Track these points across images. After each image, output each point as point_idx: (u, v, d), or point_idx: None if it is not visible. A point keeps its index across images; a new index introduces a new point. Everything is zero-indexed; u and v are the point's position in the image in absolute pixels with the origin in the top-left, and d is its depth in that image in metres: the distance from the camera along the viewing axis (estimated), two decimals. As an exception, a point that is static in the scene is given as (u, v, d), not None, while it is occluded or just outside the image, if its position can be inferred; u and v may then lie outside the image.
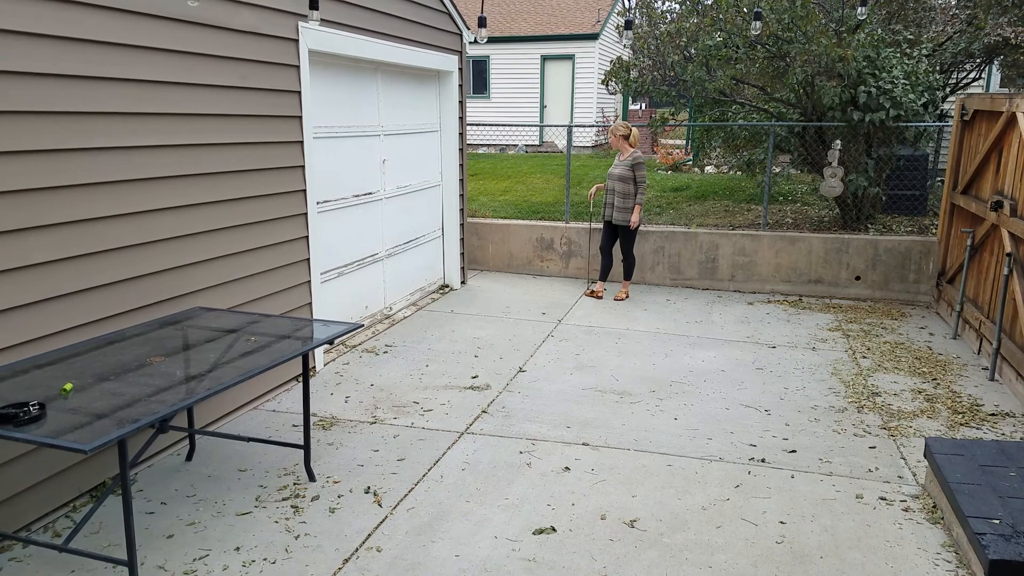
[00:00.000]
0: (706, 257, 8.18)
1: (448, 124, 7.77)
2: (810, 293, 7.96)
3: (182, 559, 3.25)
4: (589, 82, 19.92)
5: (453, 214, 8.02)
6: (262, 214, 4.81)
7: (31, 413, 2.68)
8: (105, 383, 3.03)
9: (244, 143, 4.59)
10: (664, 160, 14.99)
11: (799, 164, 9.15)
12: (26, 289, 3.34)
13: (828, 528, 3.55)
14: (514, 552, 3.33)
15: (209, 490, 3.82)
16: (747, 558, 3.31)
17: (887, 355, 6.03)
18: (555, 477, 4.00)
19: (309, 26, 5.06)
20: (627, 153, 7.42)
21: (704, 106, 9.90)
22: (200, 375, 3.18)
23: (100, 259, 3.69)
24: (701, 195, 10.73)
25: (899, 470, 4.13)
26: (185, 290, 4.24)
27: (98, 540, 3.37)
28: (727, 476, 4.04)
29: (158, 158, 3.98)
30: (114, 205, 3.73)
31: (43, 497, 3.49)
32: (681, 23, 8.91)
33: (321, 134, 5.65)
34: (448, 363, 5.75)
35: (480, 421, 4.70)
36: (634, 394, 5.17)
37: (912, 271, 7.66)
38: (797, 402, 5.06)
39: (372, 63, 6.30)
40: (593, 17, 20.34)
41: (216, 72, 4.31)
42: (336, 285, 6.08)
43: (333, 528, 3.50)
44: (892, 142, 8.02)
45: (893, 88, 7.46)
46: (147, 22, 3.83)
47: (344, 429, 4.57)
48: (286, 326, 3.99)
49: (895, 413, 4.89)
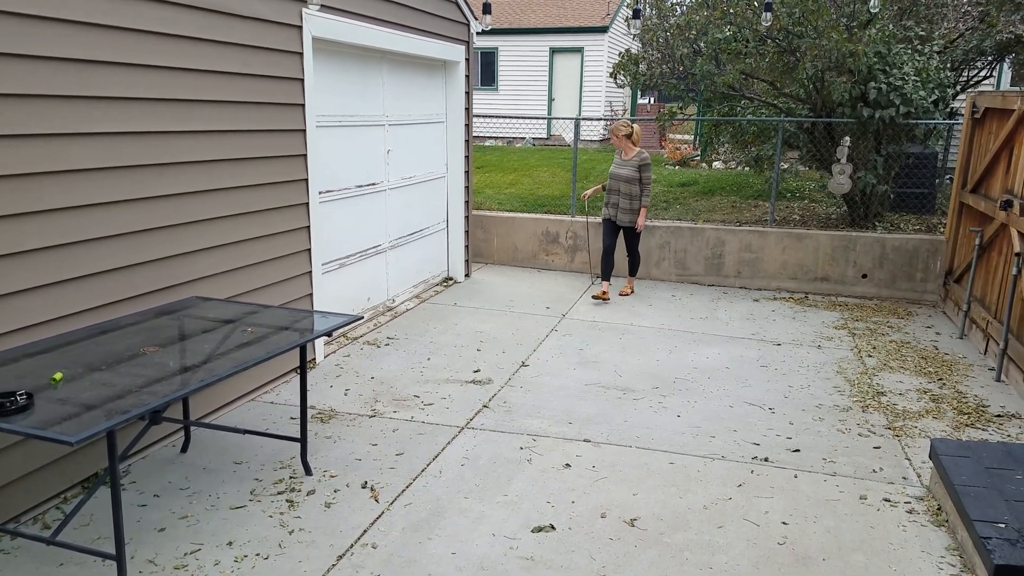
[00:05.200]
0: (712, 253, 8.11)
1: (454, 115, 7.70)
2: (816, 291, 7.89)
3: (173, 553, 3.21)
4: (598, 75, 19.80)
5: (458, 206, 7.96)
6: (263, 203, 4.76)
7: (18, 403, 2.62)
8: (96, 373, 2.98)
9: (245, 130, 4.54)
10: (672, 155, 14.90)
11: (807, 160, 9.05)
12: (19, 275, 3.29)
13: (831, 529, 3.49)
14: (512, 550, 3.28)
15: (203, 483, 3.78)
16: (748, 559, 3.25)
17: (893, 354, 5.95)
18: (555, 474, 3.95)
19: (312, 12, 5.00)
20: (631, 152, 7.22)
21: (713, 100, 9.80)
22: (194, 366, 3.13)
23: (96, 246, 3.64)
24: (708, 191, 10.64)
25: (904, 471, 4.07)
26: (183, 279, 4.20)
27: (88, 532, 3.33)
28: (729, 475, 3.98)
29: (156, 144, 3.92)
30: (111, 191, 3.68)
31: (33, 488, 3.44)
32: (691, 16, 8.81)
33: (324, 123, 5.59)
34: (450, 357, 5.70)
35: (481, 416, 4.65)
36: (637, 390, 5.11)
37: (919, 270, 7.58)
38: (801, 401, 4.99)
39: (378, 52, 6.23)
40: (603, 10, 20.21)
41: (217, 58, 4.25)
42: (338, 276, 6.03)
43: (328, 523, 3.46)
44: (902, 139, 7.92)
45: (904, 85, 7.35)
46: (145, 5, 3.77)
47: (343, 422, 4.52)
48: (285, 317, 3.94)
49: (900, 413, 4.82)
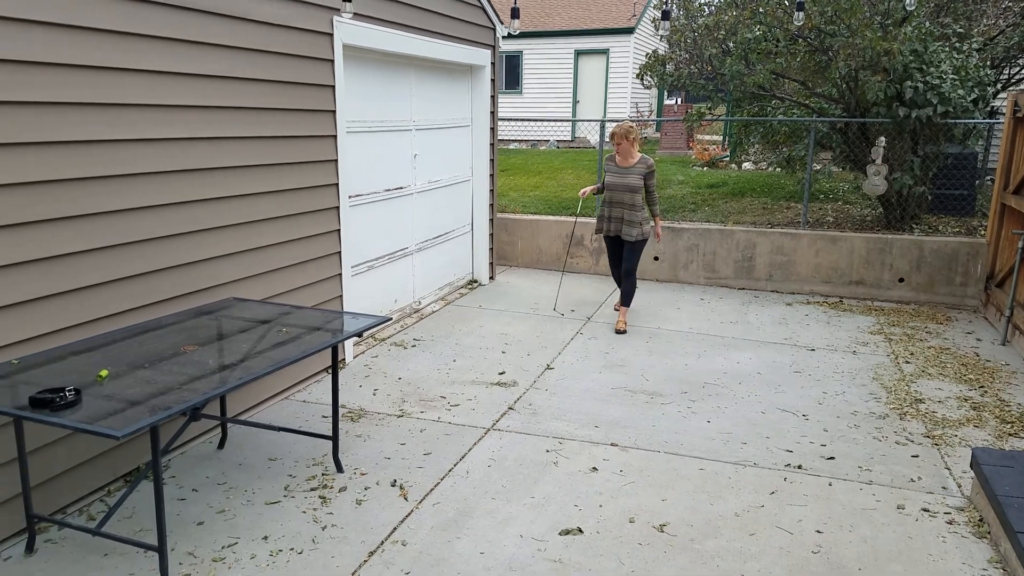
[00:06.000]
0: (742, 256, 8.02)
1: (480, 119, 7.72)
2: (851, 295, 7.76)
3: (211, 546, 3.26)
4: (624, 77, 19.72)
5: (483, 209, 7.98)
6: (296, 207, 4.82)
7: (67, 398, 2.71)
8: (140, 371, 3.06)
9: (279, 136, 4.60)
10: (700, 156, 14.78)
11: (841, 161, 8.92)
12: (64, 277, 3.38)
13: (867, 539, 3.43)
14: (540, 552, 3.27)
15: (239, 478, 3.84)
16: (782, 567, 3.21)
17: (931, 360, 5.83)
18: (582, 477, 3.94)
19: (343, 20, 5.04)
20: (633, 159, 6.33)
21: (742, 101, 9.71)
22: (232, 364, 3.19)
23: (137, 248, 3.72)
24: (738, 192, 10.53)
25: (943, 480, 3.98)
26: (220, 280, 4.27)
27: (131, 525, 3.41)
28: (762, 482, 3.93)
29: (192, 150, 3.99)
30: (152, 196, 3.76)
31: (78, 481, 3.55)
32: (720, 16, 8.74)
33: (354, 128, 5.64)
34: (475, 358, 5.71)
35: (507, 418, 4.66)
36: (665, 395, 5.08)
37: (959, 273, 7.42)
38: (836, 407, 4.91)
39: (405, 57, 6.27)
40: (629, 11, 20.13)
41: (252, 66, 4.31)
42: (366, 279, 6.08)
43: (359, 520, 3.49)
44: (939, 139, 7.76)
45: (941, 83, 7.21)
46: (178, 14, 3.83)
47: (372, 421, 4.56)
48: (317, 318, 3.98)
49: (939, 421, 4.72)
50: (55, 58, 3.23)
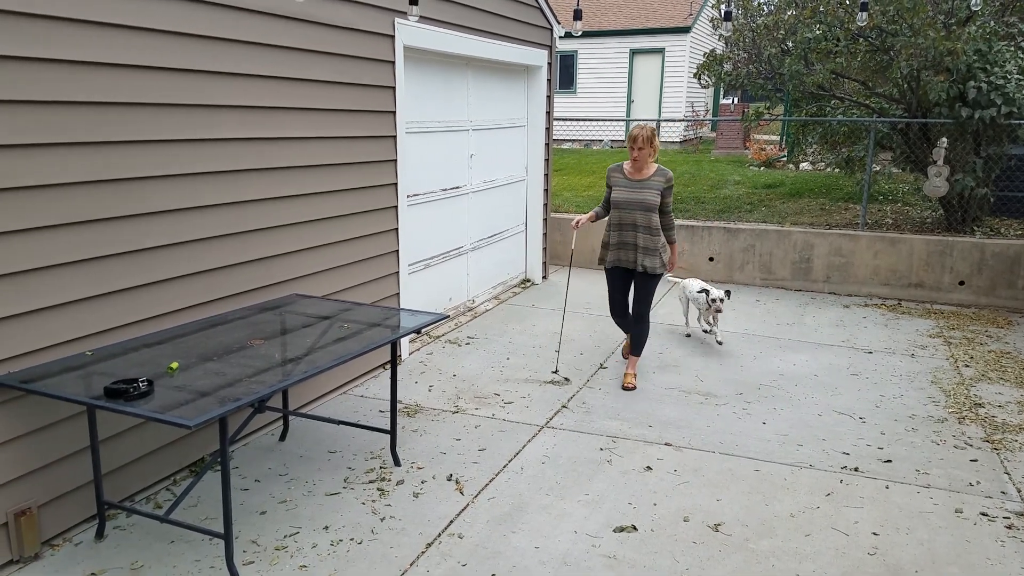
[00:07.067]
0: (800, 257, 7.91)
1: (535, 119, 7.79)
2: (910, 297, 7.58)
3: (274, 535, 3.40)
4: (679, 76, 19.54)
5: (537, 209, 8.04)
6: (357, 206, 4.96)
7: (140, 389, 2.81)
8: (209, 363, 3.19)
9: (341, 137, 4.74)
10: (756, 156, 14.57)
11: (901, 162, 8.70)
12: (139, 271, 3.54)
13: (924, 542, 3.39)
14: (594, 548, 3.33)
15: (300, 470, 3.99)
16: (837, 568, 3.19)
17: (992, 365, 5.67)
18: (636, 476, 3.97)
19: (405, 22, 5.18)
20: (649, 170, 4.98)
21: (801, 100, 9.55)
22: (296, 358, 3.32)
23: (206, 245, 3.89)
24: (795, 192, 10.36)
25: (1002, 485, 3.89)
26: (284, 277, 4.43)
27: (196, 513, 3.56)
28: (817, 484, 3.90)
29: (261, 150, 4.16)
30: (219, 194, 3.93)
31: (147, 469, 3.70)
32: (779, 15, 8.62)
33: (412, 129, 5.77)
34: (529, 356, 5.78)
35: (560, 416, 4.71)
36: (720, 396, 5.06)
37: (1021, 277, 7.17)
38: (894, 410, 4.83)
39: (463, 58, 6.38)
40: (685, 10, 19.93)
41: (317, 67, 4.47)
42: (422, 277, 6.21)
43: (417, 513, 3.59)
44: (1003, 140, 7.53)
45: (1006, 84, 6.99)
46: (247, 17, 3.97)
47: (428, 417, 4.67)
48: (376, 314, 4.11)
49: (999, 426, 4.60)
50: (150, 62, 3.43)
